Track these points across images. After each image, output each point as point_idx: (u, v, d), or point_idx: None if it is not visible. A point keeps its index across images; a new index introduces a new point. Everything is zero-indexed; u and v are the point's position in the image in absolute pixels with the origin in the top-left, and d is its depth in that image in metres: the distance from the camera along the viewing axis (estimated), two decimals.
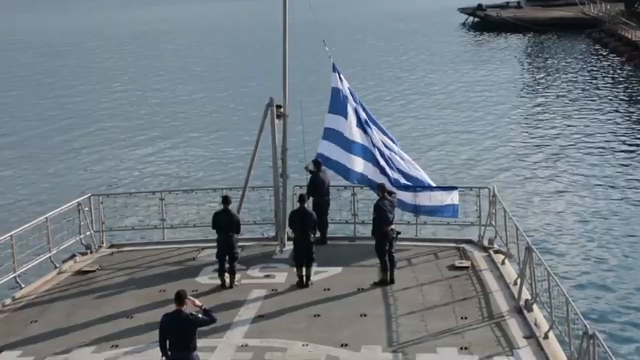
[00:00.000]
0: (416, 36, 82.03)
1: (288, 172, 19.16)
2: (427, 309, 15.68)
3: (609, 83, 56.82)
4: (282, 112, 18.71)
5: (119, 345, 14.51)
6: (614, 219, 29.52)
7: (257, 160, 19.28)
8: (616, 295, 23.23)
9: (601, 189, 32.93)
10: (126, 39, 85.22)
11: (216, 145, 41.36)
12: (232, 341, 14.46)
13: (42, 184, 35.29)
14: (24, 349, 14.55)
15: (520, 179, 34.33)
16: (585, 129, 43.25)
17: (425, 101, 51.63)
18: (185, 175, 36.03)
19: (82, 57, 75.32)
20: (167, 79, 61.76)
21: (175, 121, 47.51)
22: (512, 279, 16.78)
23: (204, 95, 55.40)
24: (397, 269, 17.27)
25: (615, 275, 24.58)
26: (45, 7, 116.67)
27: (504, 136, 42.09)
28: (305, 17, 18.91)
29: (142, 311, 15.84)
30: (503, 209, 18.12)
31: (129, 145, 42.05)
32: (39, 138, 44.21)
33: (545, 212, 30.22)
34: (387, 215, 17.19)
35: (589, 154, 38.11)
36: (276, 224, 19.33)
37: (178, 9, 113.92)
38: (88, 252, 19.48)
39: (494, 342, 14.24)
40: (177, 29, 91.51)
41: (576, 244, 27.10)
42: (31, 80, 63.36)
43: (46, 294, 17.21)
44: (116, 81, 61.64)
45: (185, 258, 18.92)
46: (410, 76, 60.57)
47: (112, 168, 37.93)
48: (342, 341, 14.32)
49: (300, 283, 17.02)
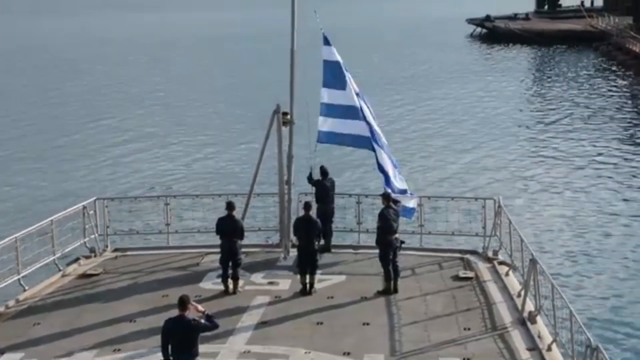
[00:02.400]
0: (424, 46, 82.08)
1: (293, 180, 19.14)
2: (430, 319, 15.64)
3: (617, 97, 56.70)
4: (288, 119, 18.70)
5: (121, 349, 14.51)
6: (619, 232, 29.48)
7: (263, 166, 19.28)
8: (620, 308, 23.17)
9: (607, 203, 32.85)
10: (135, 45, 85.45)
11: (222, 151, 41.40)
12: (234, 347, 14.45)
13: (48, 187, 35.34)
14: (26, 351, 14.55)
15: (526, 191, 34.29)
16: (593, 143, 43.15)
17: (432, 111, 51.62)
18: (191, 180, 36.06)
19: (91, 62, 75.52)
20: (175, 86, 61.89)
21: (182, 127, 47.56)
22: (516, 291, 16.74)
23: (211, 102, 55.50)
24: (401, 279, 17.23)
25: (620, 288, 24.53)
26: (60, 12, 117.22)
27: (510, 148, 42.03)
28: (313, 25, 18.92)
29: (145, 315, 15.83)
30: (508, 220, 18.08)
31: (135, 150, 42.11)
32: (44, 141, 44.28)
33: (550, 225, 30.16)
34: (392, 224, 17.17)
35: (595, 168, 38.03)
36: (280, 230, 19.30)
37: (188, 16, 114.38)
38: (92, 255, 19.47)
39: (497, 354, 14.21)
40: (186, 37, 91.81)
41: (581, 256, 27.04)
42: (38, 85, 63.55)
43: (50, 297, 17.21)
44: (125, 87, 61.76)
45: (189, 263, 18.91)
46: (416, 87, 60.57)
47: (118, 172, 37.98)
48: (344, 349, 14.29)
49: (304, 290, 17.00)
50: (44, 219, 18.65)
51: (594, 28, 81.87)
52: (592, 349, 12.14)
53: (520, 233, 17.22)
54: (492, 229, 19.08)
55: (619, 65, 67.52)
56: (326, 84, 19.00)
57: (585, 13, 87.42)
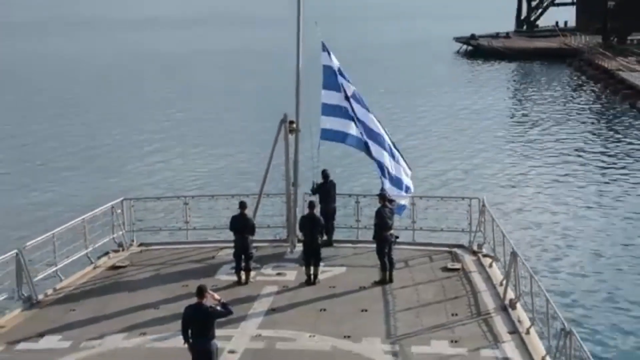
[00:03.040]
0: (416, 61, 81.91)
1: (299, 182, 19.13)
2: (421, 306, 15.64)
3: (587, 106, 56.66)
4: (294, 127, 18.69)
5: (147, 333, 14.53)
6: (590, 226, 29.52)
7: (272, 170, 19.28)
8: (593, 295, 23.18)
9: (579, 199, 32.97)
10: (156, 60, 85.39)
11: (235, 156, 41.37)
12: (246, 331, 14.46)
13: (80, 189, 35.38)
14: (63, 334, 14.61)
15: (508, 191, 34.30)
16: (566, 147, 43.16)
17: (422, 119, 51.55)
18: (207, 182, 36.06)
19: (121, 76, 75.47)
20: (193, 98, 61.81)
21: (199, 135, 47.53)
22: (498, 280, 16.72)
23: (225, 112, 55.41)
24: (395, 270, 17.22)
25: (593, 278, 24.53)
26: (96, 30, 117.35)
27: (493, 153, 41.99)
28: (316, 46, 18.94)
29: (167, 303, 15.85)
30: (491, 218, 18.07)
31: (158, 156, 42.12)
32: (78, 148, 44.31)
33: (529, 221, 30.16)
34: (387, 221, 17.17)
35: (569, 170, 38.03)
36: (287, 227, 19.29)
37: (206, 33, 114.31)
38: (120, 249, 19.48)
39: (481, 337, 14.21)
40: (202, 53, 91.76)
41: (556, 249, 27.05)
42: (76, 99, 63.52)
43: (83, 286, 17.24)
44: (149, 100, 61.68)
45: (206, 257, 18.91)
46: (408, 97, 60.39)
47: (143, 175, 38.02)
48: (345, 333, 14.30)
49: (308, 281, 17.00)
50: (77, 217, 18.69)
51: (567, 46, 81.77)
52: (566, 332, 12.14)
53: (502, 229, 17.21)
54: (477, 226, 19.05)
55: (589, 79, 67.50)
56: (325, 86, 18.87)
57: (560, 33, 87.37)
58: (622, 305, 22.47)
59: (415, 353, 13.55)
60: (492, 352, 13.59)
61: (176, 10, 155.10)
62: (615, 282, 24.18)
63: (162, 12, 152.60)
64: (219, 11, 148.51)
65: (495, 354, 13.52)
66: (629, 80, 58.56)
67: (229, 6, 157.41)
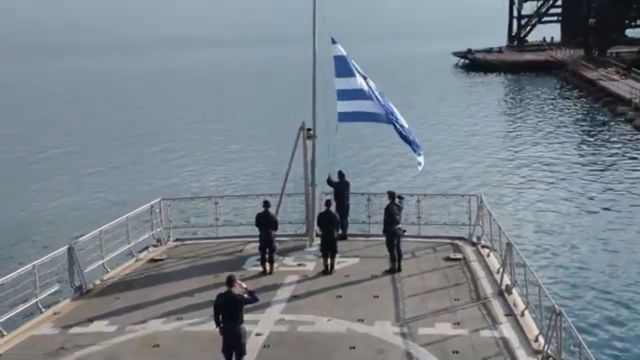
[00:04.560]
0: (418, 73, 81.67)
1: (316, 182, 19.07)
2: (427, 292, 15.54)
3: (572, 112, 56.38)
4: (311, 134, 18.63)
5: (183, 318, 14.53)
6: (579, 218, 29.31)
7: (292, 172, 19.21)
8: (581, 281, 22.95)
9: (568, 195, 32.79)
10: (187, 76, 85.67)
11: (259, 160, 41.36)
12: (271, 316, 14.43)
13: (124, 190, 35.50)
14: (109, 320, 14.65)
15: (503, 189, 34.08)
16: (554, 149, 42.92)
17: (423, 125, 51.29)
18: (235, 184, 36.09)
19: (164, 89, 75.76)
20: (223, 110, 61.91)
21: (228, 142, 47.61)
22: (495, 268, 16.60)
23: (250, 122, 55.52)
24: (403, 260, 17.13)
25: (581, 265, 24.30)
26: (144, 50, 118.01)
27: (489, 154, 41.77)
28: (330, 56, 18.68)
29: (200, 291, 15.83)
30: (489, 213, 17.95)
31: (192, 161, 42.19)
32: (120, 153, 44.49)
33: (522, 215, 29.98)
34: (395, 217, 17.06)
35: (557, 170, 37.83)
36: (306, 223, 19.24)
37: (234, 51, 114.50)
38: (159, 244, 19.52)
39: (481, 319, 14.10)
40: (233, 69, 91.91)
41: (548, 239, 26.84)
42: (116, 105, 63.85)
43: (126, 277, 17.28)
44: (184, 111, 61.81)
45: (234, 250, 18.88)
46: (411, 106, 60.00)
47: (178, 177, 38.09)
48: (359, 317, 14.23)
49: (326, 271, 16.94)
50: (121, 216, 18.72)
51: (553, 59, 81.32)
52: (557, 314, 12.00)
53: (498, 222, 17.09)
54: (476, 220, 18.95)
55: (574, 88, 67.17)
56: (338, 74, 18.02)
57: (547, 47, 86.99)
58: (609, 289, 22.23)
59: (422, 334, 13.44)
60: (490, 332, 13.48)
61: (210, 33, 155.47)
62: (602, 268, 23.93)
63: (199, 34, 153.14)
64: (248, 33, 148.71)
65: (494, 334, 13.40)
66: (609, 89, 58.41)
67: (256, 28, 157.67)
